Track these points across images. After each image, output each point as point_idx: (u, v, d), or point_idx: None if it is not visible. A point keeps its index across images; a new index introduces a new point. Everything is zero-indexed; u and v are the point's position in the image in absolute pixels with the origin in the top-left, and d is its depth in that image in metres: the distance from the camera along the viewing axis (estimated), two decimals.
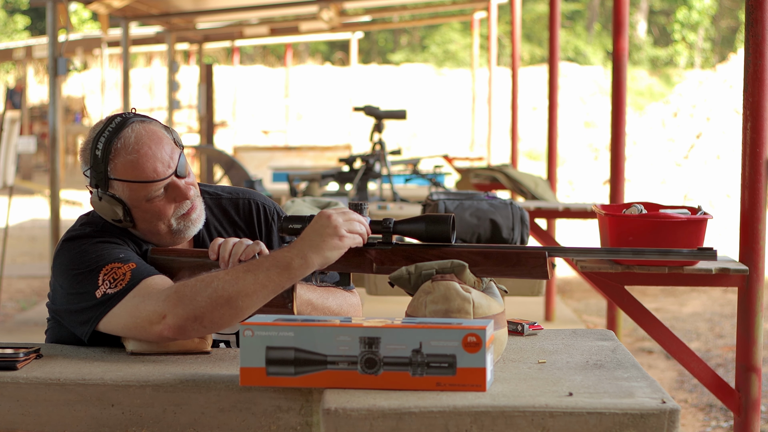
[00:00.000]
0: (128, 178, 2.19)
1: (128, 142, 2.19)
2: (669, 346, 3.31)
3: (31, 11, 28.96)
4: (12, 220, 11.85)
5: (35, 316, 6.89)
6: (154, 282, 2.12)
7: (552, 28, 7.20)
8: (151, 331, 2.07)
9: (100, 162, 2.19)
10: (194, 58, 19.58)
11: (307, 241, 2.06)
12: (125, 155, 2.19)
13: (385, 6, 13.89)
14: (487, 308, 1.97)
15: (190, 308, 2.03)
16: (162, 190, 2.22)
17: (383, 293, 3.45)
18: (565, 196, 13.29)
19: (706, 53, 30.02)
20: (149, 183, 2.20)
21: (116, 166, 2.19)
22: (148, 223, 2.24)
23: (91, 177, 2.22)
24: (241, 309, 2.05)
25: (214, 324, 2.05)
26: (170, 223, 2.25)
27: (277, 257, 2.06)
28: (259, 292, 2.05)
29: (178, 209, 2.25)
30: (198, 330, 2.05)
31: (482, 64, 16.15)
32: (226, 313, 2.04)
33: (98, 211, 2.24)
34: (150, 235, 2.28)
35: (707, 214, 3.18)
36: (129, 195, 2.21)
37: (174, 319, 2.04)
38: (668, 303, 7.65)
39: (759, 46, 3.19)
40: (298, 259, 2.05)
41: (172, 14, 10.81)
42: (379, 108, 5.62)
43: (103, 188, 2.21)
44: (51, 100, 6.68)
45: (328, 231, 2.05)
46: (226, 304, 2.04)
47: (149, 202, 2.21)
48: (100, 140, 2.20)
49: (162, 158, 2.21)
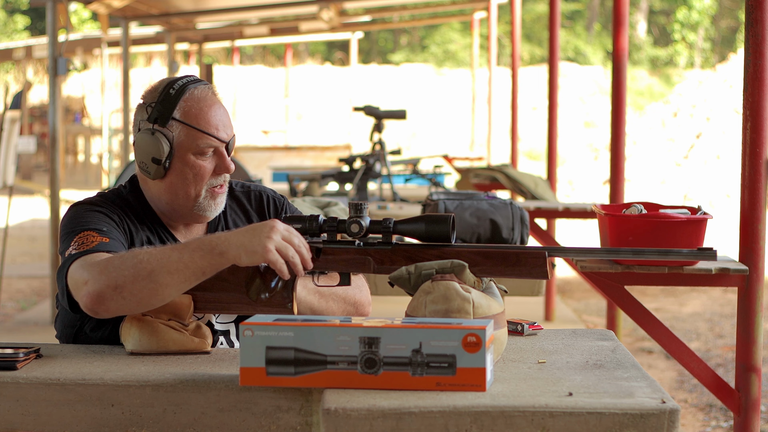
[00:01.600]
0: (191, 122, 2.27)
1: (204, 94, 2.30)
2: (669, 346, 3.31)
3: (31, 11, 28.95)
4: (12, 220, 11.85)
5: (35, 316, 6.89)
6: (105, 256, 2.13)
7: (552, 28, 7.20)
8: (78, 296, 2.08)
9: (171, 99, 2.27)
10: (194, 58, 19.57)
11: (240, 235, 2.06)
12: (198, 102, 2.28)
13: (385, 6, 13.88)
14: (487, 308, 1.97)
15: (113, 277, 2.04)
16: (211, 152, 2.29)
17: (383, 293, 3.44)
18: (565, 196, 13.29)
19: (706, 53, 30.02)
20: (207, 135, 2.27)
21: (184, 108, 2.27)
22: (181, 177, 2.28)
23: (152, 112, 2.28)
24: (162, 285, 2.04)
25: (133, 296, 2.04)
26: (200, 191, 2.30)
27: (206, 240, 2.07)
28: (182, 272, 2.05)
29: (214, 180, 2.31)
30: (117, 300, 2.04)
31: (482, 64, 16.15)
32: (146, 287, 2.04)
33: (141, 146, 2.29)
34: (170, 196, 2.31)
35: (707, 214, 3.18)
36: (182, 140, 2.27)
37: (94, 285, 2.04)
38: (668, 303, 7.65)
39: (759, 46, 3.19)
40: (223, 247, 2.05)
41: (172, 14, 10.80)
42: (379, 108, 5.62)
43: (161, 124, 2.27)
44: (51, 100, 6.67)
45: (262, 236, 2.04)
46: (147, 278, 2.04)
47: (196, 156, 2.28)
48: (177, 83, 2.30)
49: (225, 124, 2.31)
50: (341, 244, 2.13)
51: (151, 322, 2.12)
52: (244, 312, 2.14)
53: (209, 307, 2.16)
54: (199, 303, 2.15)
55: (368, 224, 2.11)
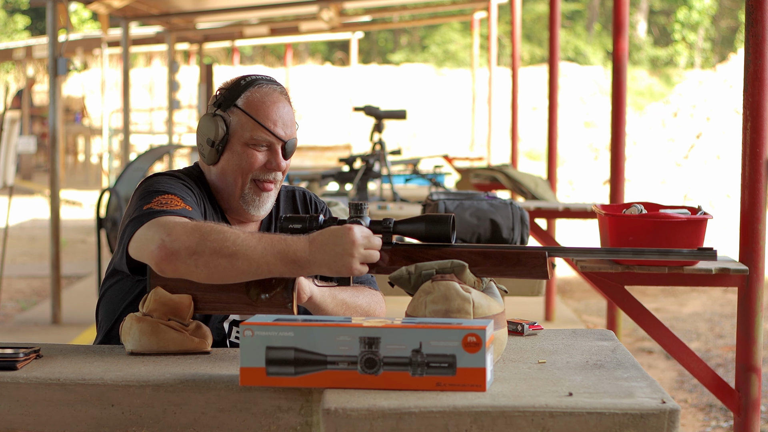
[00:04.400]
0: (250, 111, 2.33)
1: (271, 91, 2.36)
2: (669, 346, 3.31)
3: (31, 11, 28.94)
4: (12, 220, 11.85)
5: (35, 316, 6.89)
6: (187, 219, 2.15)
7: (552, 28, 7.20)
8: (149, 248, 2.08)
9: (239, 88, 2.35)
10: (194, 58, 19.57)
11: (323, 249, 2.04)
12: (261, 96, 2.34)
13: (385, 6, 13.88)
14: (487, 308, 1.97)
15: (195, 242, 2.05)
16: (265, 146, 2.34)
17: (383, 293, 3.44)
18: (565, 196, 13.28)
19: (706, 53, 30.01)
20: (262, 128, 2.32)
21: (248, 98, 2.33)
22: (232, 163, 2.33)
23: (219, 97, 2.36)
24: (237, 270, 2.05)
25: (207, 268, 2.05)
26: (246, 180, 2.33)
27: (291, 248, 2.06)
28: (261, 267, 2.05)
29: (263, 174, 2.34)
30: (189, 265, 2.05)
31: (482, 64, 16.15)
32: (221, 265, 2.05)
33: (201, 128, 2.36)
34: (222, 182, 2.36)
35: (707, 214, 3.18)
36: (238, 128, 2.33)
37: (174, 243, 2.05)
38: (668, 303, 7.65)
39: (759, 46, 3.19)
40: (306, 261, 2.05)
41: (172, 14, 10.80)
42: (379, 108, 5.62)
43: (223, 109, 2.34)
44: (51, 100, 6.67)
45: (345, 255, 2.04)
46: (227, 258, 2.05)
47: (248, 146, 2.32)
48: (251, 77, 2.37)
49: (285, 121, 2.35)
50: None
51: (151, 322, 2.12)
52: (244, 312, 2.14)
53: (209, 307, 2.16)
54: (199, 303, 2.15)
55: (368, 224, 2.11)
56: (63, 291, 7.24)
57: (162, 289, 2.15)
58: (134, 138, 16.66)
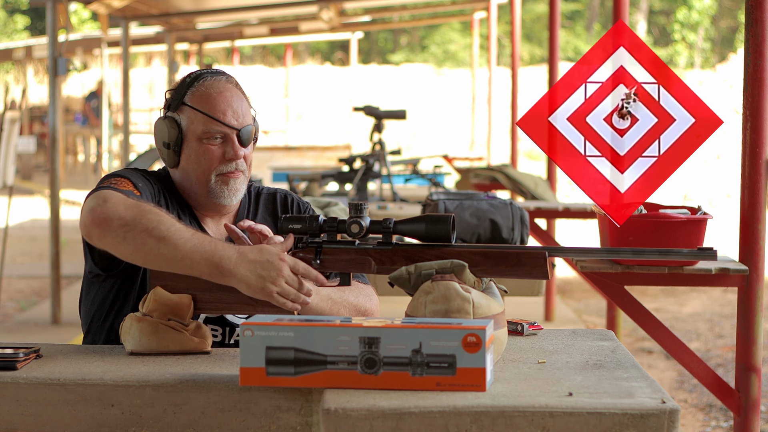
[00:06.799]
0: (198, 107, 2.31)
1: (217, 82, 2.34)
2: (669, 346, 3.31)
3: (31, 11, 28.95)
4: (12, 220, 11.85)
5: (35, 316, 6.89)
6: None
7: (552, 28, 7.20)
8: (85, 211, 2.09)
9: (185, 86, 2.34)
10: (194, 58, 19.57)
11: (248, 265, 2.04)
12: (207, 88, 2.32)
13: (385, 6, 13.89)
14: (487, 308, 1.97)
15: (129, 215, 2.05)
16: (219, 138, 2.32)
17: (383, 293, 3.44)
18: (565, 196, 13.28)
19: (706, 53, 30.01)
20: (212, 120, 2.31)
21: (194, 93, 2.32)
22: (192, 163, 2.33)
23: (168, 99, 2.35)
24: (160, 255, 2.05)
25: (132, 243, 2.04)
26: (210, 177, 2.32)
27: (217, 252, 2.05)
28: (184, 261, 2.05)
29: (224, 166, 2.33)
30: (116, 235, 2.04)
31: (482, 64, 16.15)
32: (147, 244, 2.04)
33: (156, 132, 2.36)
34: (187, 182, 2.35)
35: (707, 214, 3.18)
36: (189, 125, 2.32)
37: (108, 209, 2.06)
38: (668, 303, 7.65)
39: (759, 46, 3.19)
40: (229, 269, 2.04)
41: (172, 14, 10.80)
42: (379, 108, 5.62)
43: (173, 110, 2.34)
44: (51, 100, 6.67)
45: (267, 280, 2.04)
46: (155, 239, 2.04)
47: (203, 141, 2.31)
48: (195, 72, 2.36)
49: (235, 110, 2.33)
50: (341, 245, 2.13)
51: (151, 322, 2.12)
52: (245, 312, 2.14)
53: (209, 307, 2.16)
54: (199, 303, 2.15)
55: (368, 224, 2.11)
56: (63, 291, 7.24)
57: (162, 289, 2.15)
58: (134, 138, 16.66)
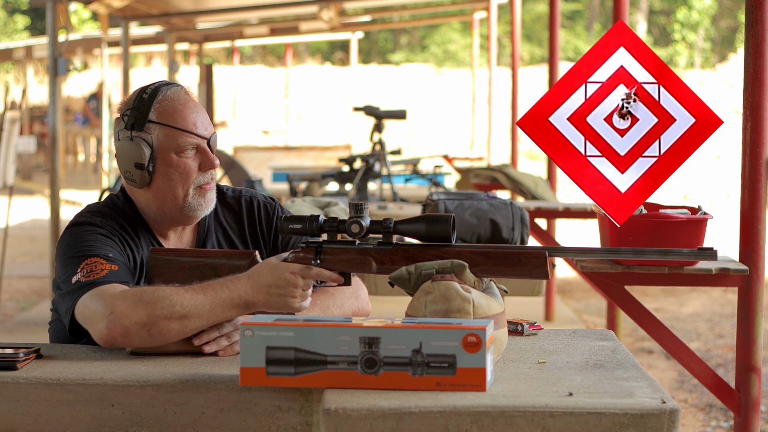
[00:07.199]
0: (168, 122, 2.26)
1: (177, 94, 2.29)
2: (669, 346, 3.31)
3: (31, 11, 28.94)
4: (12, 220, 11.85)
5: (35, 316, 6.89)
6: (122, 288, 2.11)
7: (552, 28, 7.20)
8: (95, 327, 2.06)
9: (145, 103, 2.27)
10: (194, 58, 19.57)
11: (265, 290, 2.08)
12: (171, 102, 2.27)
13: (385, 6, 13.88)
14: (487, 308, 1.97)
15: (143, 314, 2.03)
16: (192, 149, 2.28)
17: (383, 293, 3.44)
18: (565, 196, 13.28)
19: (706, 53, 30.01)
20: (186, 132, 2.26)
21: (159, 109, 2.27)
22: (167, 181, 2.27)
23: (128, 118, 2.27)
24: (190, 329, 2.07)
25: (161, 335, 2.05)
26: (188, 191, 2.28)
27: (236, 293, 2.08)
28: (211, 319, 2.08)
29: (201, 177, 2.30)
30: (142, 336, 2.04)
31: (482, 64, 16.15)
32: (175, 329, 2.05)
33: (122, 154, 2.28)
34: (157, 200, 2.29)
35: (707, 214, 3.18)
36: (162, 141, 2.26)
37: (122, 320, 2.03)
38: (668, 303, 7.65)
39: (759, 46, 3.19)
40: (251, 303, 2.08)
41: (172, 14, 10.80)
42: (379, 108, 5.62)
43: (138, 129, 2.26)
44: (51, 100, 6.67)
45: (288, 293, 2.09)
46: (179, 321, 2.05)
47: (178, 155, 2.27)
48: (149, 88, 2.29)
49: (203, 120, 2.30)
50: (341, 245, 2.13)
51: None
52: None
53: None
54: None
55: (368, 224, 2.11)
56: None
57: None
58: None
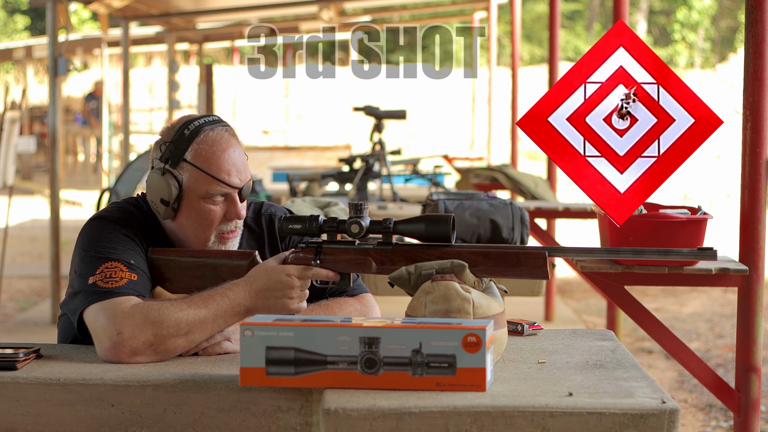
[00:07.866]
0: (202, 166, 2.22)
1: (219, 137, 2.24)
2: (669, 346, 3.31)
3: (31, 11, 28.93)
4: (12, 220, 11.85)
5: (35, 316, 6.89)
6: (134, 302, 2.11)
7: (552, 28, 7.19)
8: (104, 343, 2.06)
9: (185, 140, 2.23)
10: (194, 58, 19.57)
11: (263, 295, 2.12)
12: (210, 146, 2.23)
13: (385, 6, 13.88)
14: (487, 308, 1.97)
15: (151, 333, 2.05)
16: (221, 197, 2.25)
17: (383, 293, 3.44)
18: (565, 196, 13.28)
19: (706, 53, 30.01)
20: (217, 181, 2.23)
21: (197, 150, 2.23)
22: (190, 220, 2.25)
23: (165, 151, 2.24)
24: (194, 342, 2.09)
25: (168, 352, 2.07)
26: (209, 237, 2.26)
27: (235, 302, 2.11)
28: (215, 329, 2.11)
29: (224, 226, 2.27)
30: (150, 355, 2.06)
31: (482, 64, 16.15)
32: (181, 344, 2.08)
33: (151, 185, 2.25)
34: (181, 234, 2.28)
35: (707, 214, 3.18)
36: (191, 183, 2.23)
37: (131, 341, 2.04)
38: (668, 303, 7.65)
39: (759, 46, 3.19)
40: (251, 309, 2.12)
41: (172, 14, 10.80)
42: (379, 108, 5.62)
43: (172, 165, 2.23)
44: (51, 100, 6.67)
45: (285, 295, 2.12)
46: (184, 337, 2.08)
47: (205, 200, 2.24)
48: (194, 123, 2.25)
49: (239, 169, 2.25)
50: (341, 245, 2.13)
51: None
52: None
53: None
54: None
55: (368, 224, 2.11)
56: (63, 291, 7.23)
57: (162, 289, 2.15)
58: (134, 138, 16.65)
